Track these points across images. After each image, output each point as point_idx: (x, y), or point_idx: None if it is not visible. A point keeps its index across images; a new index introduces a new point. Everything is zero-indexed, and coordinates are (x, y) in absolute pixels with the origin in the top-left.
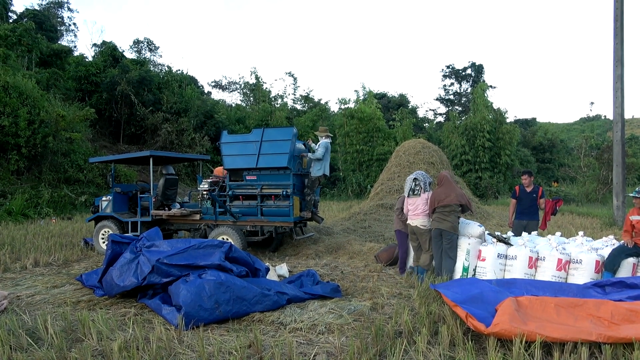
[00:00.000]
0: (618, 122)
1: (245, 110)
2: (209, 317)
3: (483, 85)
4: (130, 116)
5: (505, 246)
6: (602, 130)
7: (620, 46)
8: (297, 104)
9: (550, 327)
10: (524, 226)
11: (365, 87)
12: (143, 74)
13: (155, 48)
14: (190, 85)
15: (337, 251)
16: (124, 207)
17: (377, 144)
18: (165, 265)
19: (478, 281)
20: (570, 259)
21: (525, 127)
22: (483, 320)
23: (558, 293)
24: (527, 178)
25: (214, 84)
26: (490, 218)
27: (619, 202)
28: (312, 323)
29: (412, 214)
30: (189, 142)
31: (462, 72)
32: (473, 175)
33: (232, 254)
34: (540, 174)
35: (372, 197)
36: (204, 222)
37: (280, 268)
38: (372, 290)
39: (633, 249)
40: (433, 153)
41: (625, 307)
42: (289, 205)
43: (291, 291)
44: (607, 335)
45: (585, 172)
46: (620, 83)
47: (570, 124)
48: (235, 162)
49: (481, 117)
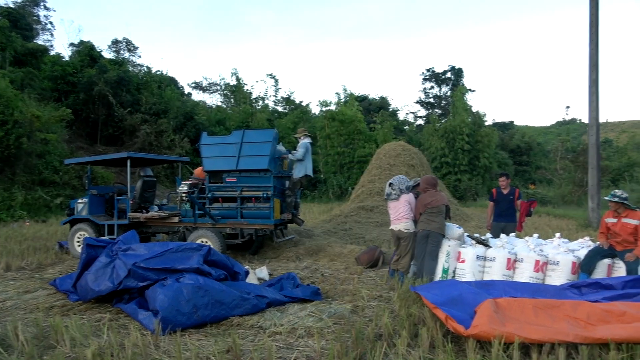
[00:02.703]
0: (593, 126)
1: (226, 111)
2: (187, 322)
3: (462, 89)
4: (108, 117)
5: (484, 248)
6: (577, 133)
7: (595, 51)
8: (279, 106)
9: (528, 328)
10: (502, 228)
11: (346, 90)
12: (121, 74)
13: (134, 48)
14: (170, 86)
15: (317, 254)
16: (101, 209)
17: (358, 146)
18: (142, 269)
19: (457, 283)
20: (548, 260)
21: (503, 130)
22: (462, 322)
23: (536, 294)
24: (504, 180)
25: (194, 85)
26: (469, 220)
27: (594, 204)
28: (292, 327)
29: (394, 219)
30: (168, 143)
31: (442, 76)
32: (452, 178)
33: (211, 257)
34: (518, 176)
35: (353, 200)
36: (183, 224)
37: (260, 271)
38: (353, 292)
39: (608, 250)
40: (413, 155)
41: (601, 307)
42: (270, 208)
43: (271, 294)
44: (583, 335)
45: (562, 175)
46: (595, 87)
47: (547, 127)
48: (215, 164)
49: (460, 120)
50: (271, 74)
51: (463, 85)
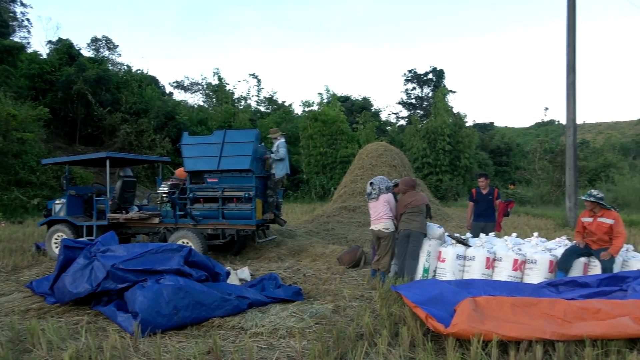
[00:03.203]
0: (570, 127)
1: (208, 111)
2: (167, 324)
3: (444, 90)
4: (87, 116)
5: (464, 247)
6: (555, 134)
7: (573, 55)
8: (261, 106)
9: (506, 326)
10: (482, 228)
11: (329, 90)
12: (101, 73)
13: (114, 46)
14: (150, 85)
15: (299, 254)
16: (79, 210)
17: (341, 147)
18: (121, 270)
19: (438, 282)
20: (526, 259)
21: (484, 131)
22: (442, 320)
23: (514, 293)
24: (484, 181)
25: (175, 85)
26: (450, 220)
27: (571, 204)
28: (273, 327)
29: (374, 219)
30: (149, 143)
31: (423, 77)
32: (434, 178)
33: (192, 258)
34: (498, 176)
35: (335, 200)
36: (163, 225)
37: (241, 272)
38: (335, 292)
39: (584, 249)
40: (395, 156)
41: (577, 305)
42: (251, 208)
43: (252, 295)
44: (560, 333)
45: (540, 175)
46: (572, 90)
47: (526, 129)
48: (196, 164)
49: (442, 121)
50: (254, 73)
51: (444, 87)
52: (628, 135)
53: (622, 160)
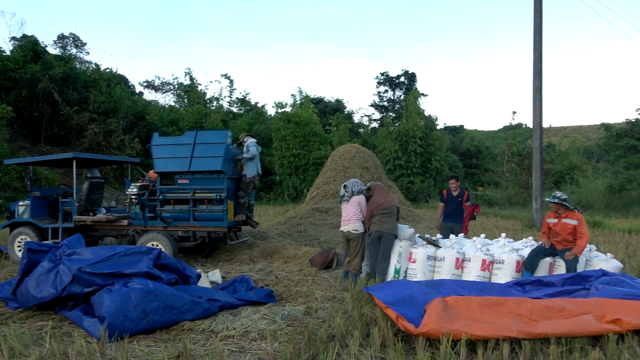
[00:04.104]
0: (537, 131)
1: (179, 112)
2: (135, 328)
3: (415, 93)
4: (53, 115)
5: (435, 248)
6: (523, 137)
7: (539, 60)
8: (234, 107)
9: (474, 325)
10: (450, 228)
11: (302, 92)
12: (68, 71)
13: (82, 44)
14: (119, 84)
15: (272, 256)
16: (44, 212)
17: (314, 148)
18: (88, 274)
19: (408, 283)
20: (494, 259)
21: (454, 133)
22: (413, 320)
23: (482, 292)
24: (454, 183)
25: (145, 84)
26: (421, 221)
27: (538, 205)
28: (244, 330)
29: (345, 220)
30: (117, 144)
31: (395, 80)
32: (405, 180)
33: (162, 260)
34: (468, 178)
35: (307, 201)
36: (132, 227)
37: (213, 274)
38: (307, 294)
39: (550, 249)
40: (367, 158)
41: (542, 304)
42: (223, 210)
43: (223, 298)
44: (526, 331)
45: (508, 177)
46: (539, 94)
47: (495, 132)
48: (166, 165)
49: (413, 124)
50: (226, 74)
51: (416, 90)
52: (591, 139)
53: (586, 163)
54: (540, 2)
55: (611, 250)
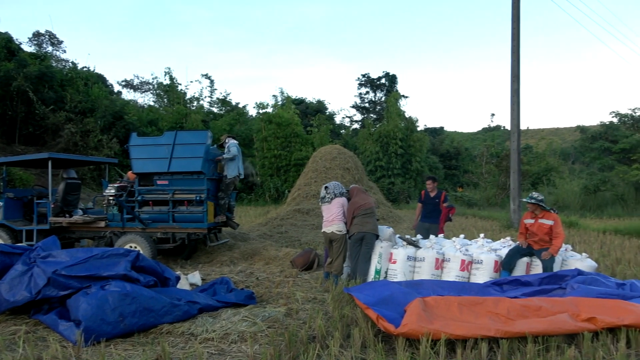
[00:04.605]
0: (515, 133)
1: (159, 112)
2: (113, 331)
3: (396, 95)
4: (28, 115)
5: (415, 249)
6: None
7: (517, 63)
8: (214, 107)
9: (453, 325)
10: (427, 229)
11: (283, 92)
12: (43, 69)
13: (59, 42)
14: (97, 83)
15: (252, 257)
16: (18, 214)
17: (295, 149)
18: (64, 277)
19: (389, 283)
20: (473, 259)
21: (434, 135)
22: (393, 321)
23: (461, 292)
24: (431, 183)
25: (124, 84)
26: (401, 222)
27: (515, 206)
28: (224, 332)
29: (327, 221)
30: (95, 144)
31: (376, 82)
32: (386, 181)
33: (140, 262)
34: (447, 179)
35: (289, 202)
36: (110, 229)
37: (192, 276)
38: (287, 295)
39: (527, 249)
40: (349, 159)
41: (520, 303)
42: (203, 211)
43: (203, 300)
44: (504, 330)
45: (487, 178)
46: (516, 97)
47: (474, 133)
48: (145, 166)
49: (394, 125)
50: (206, 74)
51: (397, 91)
52: (568, 141)
53: (563, 165)
54: (518, 8)
55: (586, 250)
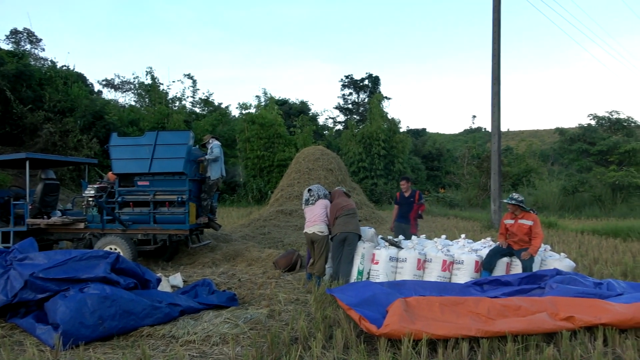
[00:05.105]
0: (495, 135)
1: (140, 112)
2: (92, 335)
3: (379, 96)
4: (5, 114)
5: (397, 249)
6: (482, 141)
7: (498, 66)
8: (197, 107)
9: (435, 325)
10: (404, 229)
11: (266, 93)
12: (21, 67)
13: (37, 40)
14: (77, 82)
15: (235, 258)
16: None
17: (278, 150)
18: (41, 279)
19: (371, 284)
20: (454, 260)
21: (416, 136)
22: (375, 321)
23: (443, 292)
24: (405, 184)
25: (104, 83)
26: (384, 222)
27: (496, 207)
28: (206, 334)
29: (309, 222)
30: (74, 144)
31: (360, 83)
32: (369, 182)
33: (120, 265)
34: (430, 180)
35: (272, 203)
36: (89, 231)
37: (174, 278)
38: (270, 297)
39: (507, 249)
40: (332, 160)
41: (500, 303)
42: (185, 212)
43: (184, 302)
44: (484, 329)
45: (468, 180)
46: (497, 99)
47: (456, 135)
48: (125, 167)
49: (377, 127)
50: (189, 74)
51: (380, 93)
52: (547, 143)
53: (542, 166)
54: (499, 12)
55: (565, 250)
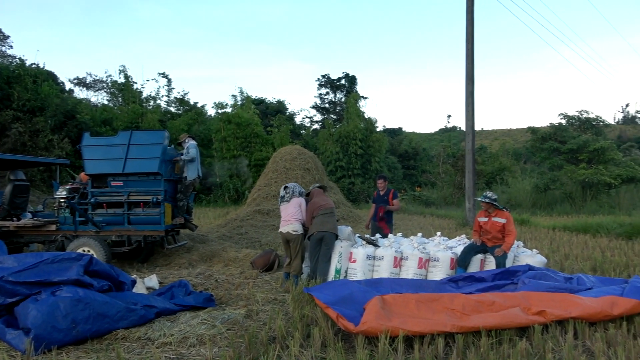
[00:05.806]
0: (469, 134)
1: (113, 111)
2: (65, 339)
3: (355, 96)
4: None
5: (374, 248)
6: (457, 140)
7: (471, 66)
8: (172, 107)
9: (411, 321)
10: (378, 228)
11: (243, 92)
12: None
13: (4, 37)
14: (47, 81)
15: (211, 259)
16: None
17: (255, 150)
18: (11, 283)
19: (348, 282)
20: (430, 257)
21: (393, 136)
22: (352, 319)
23: (419, 289)
24: (382, 182)
25: (76, 81)
26: (361, 221)
27: (471, 205)
28: (182, 336)
29: (284, 221)
30: (45, 144)
31: (336, 82)
32: (346, 181)
33: (93, 267)
34: (406, 179)
35: (249, 203)
36: (61, 233)
37: (149, 280)
38: (247, 297)
39: (481, 246)
40: (309, 159)
41: (474, 299)
42: (160, 213)
43: (160, 304)
44: (459, 325)
45: (443, 178)
46: (471, 99)
47: (431, 134)
48: (98, 167)
49: (354, 126)
50: (164, 72)
51: (356, 92)
52: (520, 142)
53: (515, 165)
54: (472, 12)
55: (537, 246)
